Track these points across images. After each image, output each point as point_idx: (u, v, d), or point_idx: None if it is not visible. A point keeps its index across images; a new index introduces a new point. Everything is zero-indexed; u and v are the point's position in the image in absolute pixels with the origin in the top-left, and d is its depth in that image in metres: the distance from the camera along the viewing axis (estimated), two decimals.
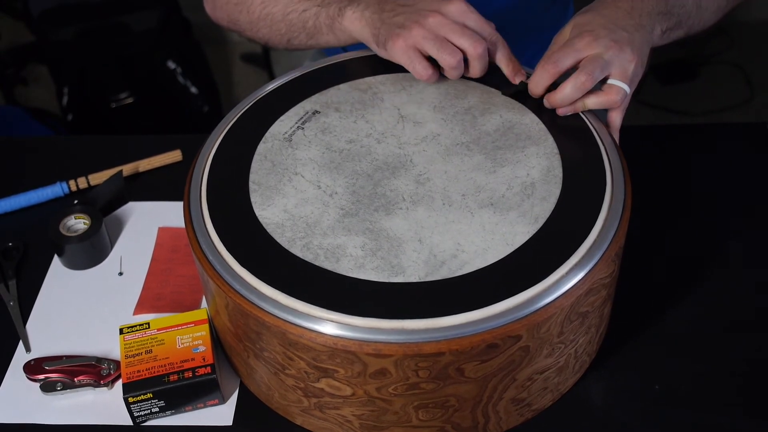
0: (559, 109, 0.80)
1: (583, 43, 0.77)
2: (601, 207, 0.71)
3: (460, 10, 0.80)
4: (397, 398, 0.68)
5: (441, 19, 0.79)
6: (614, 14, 0.80)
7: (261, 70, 2.32)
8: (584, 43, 0.77)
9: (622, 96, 0.78)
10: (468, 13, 0.81)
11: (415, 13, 0.81)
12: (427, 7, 0.81)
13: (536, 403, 0.75)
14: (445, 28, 0.80)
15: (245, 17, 0.97)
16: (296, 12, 0.91)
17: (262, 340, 0.69)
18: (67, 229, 0.92)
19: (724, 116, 2.14)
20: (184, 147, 1.05)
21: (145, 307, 0.88)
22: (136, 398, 0.76)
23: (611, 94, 0.78)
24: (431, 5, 0.81)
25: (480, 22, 0.81)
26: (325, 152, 0.79)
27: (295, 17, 0.91)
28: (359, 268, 0.68)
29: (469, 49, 0.80)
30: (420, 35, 0.80)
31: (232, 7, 0.98)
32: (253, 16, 0.95)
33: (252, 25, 0.97)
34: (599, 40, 0.77)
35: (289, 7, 0.92)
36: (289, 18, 0.92)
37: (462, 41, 0.79)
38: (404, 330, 0.64)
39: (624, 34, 0.78)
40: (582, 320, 0.71)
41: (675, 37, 0.87)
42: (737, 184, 0.99)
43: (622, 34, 0.78)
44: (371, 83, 0.85)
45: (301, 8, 0.90)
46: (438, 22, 0.79)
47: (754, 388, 0.79)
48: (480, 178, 0.75)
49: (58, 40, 1.90)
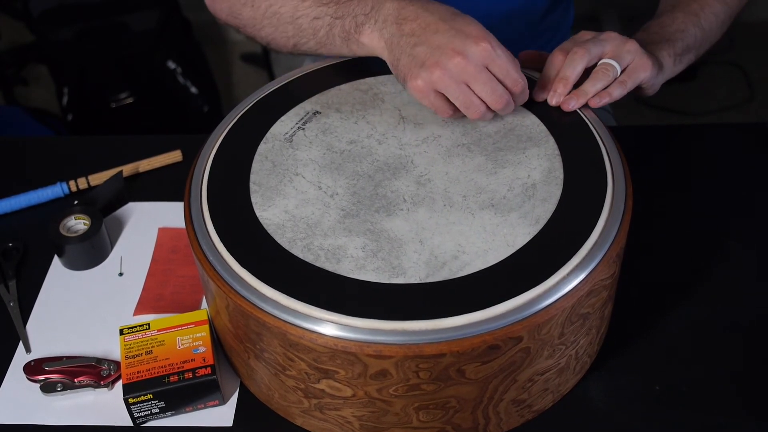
0: (563, 105, 0.80)
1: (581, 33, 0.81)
2: (602, 208, 0.71)
3: (485, 54, 0.74)
4: (398, 399, 0.68)
5: (464, 64, 0.73)
6: None
7: (261, 70, 2.32)
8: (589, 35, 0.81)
9: (612, 71, 0.80)
10: (494, 58, 0.74)
11: (438, 51, 0.74)
12: (450, 44, 0.74)
13: (537, 404, 0.75)
14: (467, 75, 0.74)
15: (249, 12, 0.90)
16: (307, 18, 0.84)
17: (263, 341, 0.69)
18: (67, 229, 0.92)
19: (724, 116, 2.14)
20: (184, 147, 1.05)
21: (145, 307, 0.88)
22: (136, 399, 0.76)
23: (598, 72, 0.81)
24: (455, 43, 0.74)
25: (505, 68, 0.75)
26: (325, 153, 0.78)
27: (305, 23, 0.85)
28: (360, 269, 0.68)
29: (490, 104, 0.76)
30: (441, 80, 0.74)
31: (234, 0, 0.91)
32: (257, 12, 0.89)
33: (255, 23, 0.90)
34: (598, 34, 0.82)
35: (298, 11, 0.85)
36: (299, 22, 0.85)
37: (484, 94, 0.75)
38: (405, 331, 0.64)
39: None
40: (583, 321, 0.71)
41: (688, 60, 0.90)
42: (737, 184, 0.99)
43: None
44: (372, 84, 0.85)
45: (313, 15, 0.84)
46: (461, 67, 0.74)
47: (754, 388, 0.79)
48: (481, 179, 0.75)
49: (58, 40, 1.90)
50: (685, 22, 0.91)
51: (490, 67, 0.75)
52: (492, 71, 0.75)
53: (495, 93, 0.75)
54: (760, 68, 2.25)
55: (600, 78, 0.81)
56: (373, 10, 0.79)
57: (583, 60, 0.80)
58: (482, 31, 0.75)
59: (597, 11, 2.35)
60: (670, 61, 0.87)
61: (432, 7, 0.77)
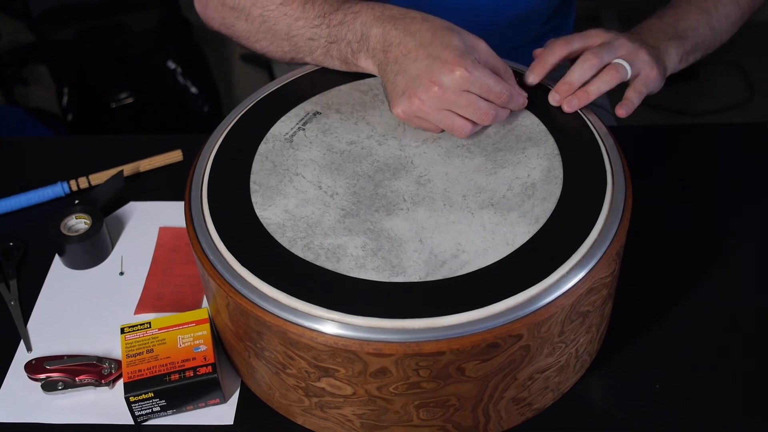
0: (565, 105, 0.80)
1: (593, 32, 0.80)
2: (602, 207, 0.72)
3: (461, 80, 0.73)
4: (398, 397, 0.68)
5: (441, 93, 0.73)
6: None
7: (261, 70, 2.32)
8: (595, 32, 0.80)
9: (622, 72, 0.79)
10: (471, 81, 0.73)
11: (416, 81, 0.74)
12: (426, 74, 0.73)
13: (537, 402, 0.75)
14: (446, 103, 0.74)
15: (243, 25, 0.88)
16: (302, 37, 0.84)
17: (263, 339, 0.69)
18: (67, 229, 0.92)
19: (724, 116, 2.14)
20: (185, 147, 1.05)
21: (146, 306, 0.89)
22: (137, 397, 0.76)
23: (610, 71, 0.79)
24: (432, 72, 0.73)
25: (485, 87, 0.74)
26: (326, 153, 0.79)
27: (300, 41, 0.84)
28: (360, 268, 0.68)
29: (477, 121, 0.76)
30: (420, 110, 0.75)
31: (227, 11, 0.89)
32: (252, 25, 0.87)
33: (250, 35, 0.88)
34: (610, 33, 0.80)
35: (293, 30, 0.84)
36: (294, 40, 0.84)
37: (468, 115, 0.75)
38: (405, 329, 0.64)
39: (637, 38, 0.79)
40: (583, 320, 0.71)
41: (693, 59, 0.90)
42: (737, 184, 0.99)
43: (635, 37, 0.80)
44: (372, 84, 0.85)
45: (307, 35, 0.83)
46: (438, 96, 0.73)
47: (754, 388, 0.80)
48: (480, 179, 0.75)
49: (58, 40, 1.90)
50: (698, 20, 0.89)
51: (470, 90, 0.74)
52: (472, 92, 0.74)
53: (479, 111, 0.75)
54: (760, 68, 2.25)
55: (607, 80, 0.80)
56: (363, 38, 0.79)
57: (593, 69, 0.80)
58: (457, 56, 0.73)
59: (597, 11, 2.35)
60: (676, 59, 0.86)
61: (415, 28, 0.76)
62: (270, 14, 0.85)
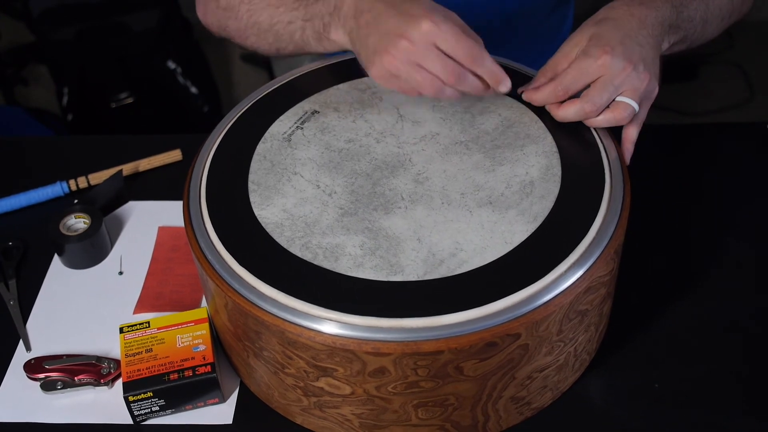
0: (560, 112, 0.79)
1: (596, 66, 0.75)
2: (600, 205, 0.72)
3: (428, 32, 0.73)
4: (397, 397, 0.68)
5: (408, 45, 0.74)
6: (629, 25, 0.79)
7: (261, 70, 2.32)
8: (598, 65, 0.75)
9: (629, 112, 0.76)
10: (437, 34, 0.73)
11: (385, 37, 0.75)
12: (395, 29, 0.75)
13: (536, 401, 0.75)
14: (415, 56, 0.74)
15: (234, 24, 0.93)
16: (282, 24, 0.87)
17: (262, 339, 0.69)
18: (67, 228, 0.92)
19: (724, 116, 2.14)
20: (184, 147, 1.05)
21: (145, 306, 0.89)
22: (136, 397, 0.76)
23: (618, 111, 0.76)
24: (400, 26, 0.74)
25: (451, 42, 0.74)
26: (324, 152, 0.79)
27: (281, 29, 0.88)
28: (358, 267, 0.68)
29: (443, 79, 0.75)
30: (391, 65, 0.75)
31: (221, 12, 0.95)
32: (240, 23, 0.92)
33: (240, 33, 0.93)
34: (614, 60, 0.75)
35: (274, 18, 0.88)
36: (276, 29, 0.88)
37: (435, 70, 0.74)
38: (403, 328, 0.64)
39: (638, 50, 0.76)
40: (581, 318, 0.71)
41: (676, 50, 0.87)
42: (737, 184, 0.99)
43: (636, 49, 0.77)
44: (370, 83, 0.85)
45: (286, 20, 0.87)
46: (406, 49, 0.74)
47: (754, 388, 0.79)
48: (479, 176, 0.75)
49: (58, 40, 1.90)
50: (696, 9, 0.87)
51: (438, 44, 0.74)
52: (440, 48, 0.74)
53: (446, 68, 0.74)
54: (760, 68, 2.25)
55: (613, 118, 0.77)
56: (335, 9, 0.81)
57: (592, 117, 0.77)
58: (426, 10, 0.74)
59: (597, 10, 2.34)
60: (665, 46, 0.84)
61: None
62: (255, 7, 0.90)
